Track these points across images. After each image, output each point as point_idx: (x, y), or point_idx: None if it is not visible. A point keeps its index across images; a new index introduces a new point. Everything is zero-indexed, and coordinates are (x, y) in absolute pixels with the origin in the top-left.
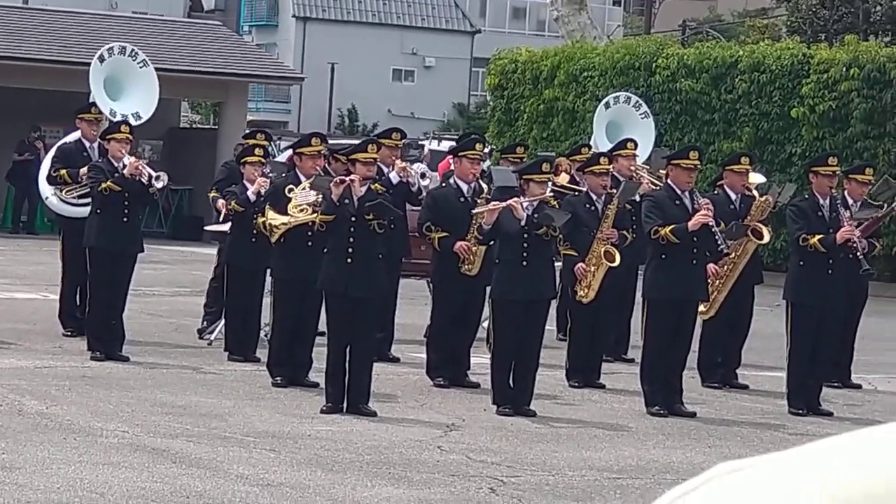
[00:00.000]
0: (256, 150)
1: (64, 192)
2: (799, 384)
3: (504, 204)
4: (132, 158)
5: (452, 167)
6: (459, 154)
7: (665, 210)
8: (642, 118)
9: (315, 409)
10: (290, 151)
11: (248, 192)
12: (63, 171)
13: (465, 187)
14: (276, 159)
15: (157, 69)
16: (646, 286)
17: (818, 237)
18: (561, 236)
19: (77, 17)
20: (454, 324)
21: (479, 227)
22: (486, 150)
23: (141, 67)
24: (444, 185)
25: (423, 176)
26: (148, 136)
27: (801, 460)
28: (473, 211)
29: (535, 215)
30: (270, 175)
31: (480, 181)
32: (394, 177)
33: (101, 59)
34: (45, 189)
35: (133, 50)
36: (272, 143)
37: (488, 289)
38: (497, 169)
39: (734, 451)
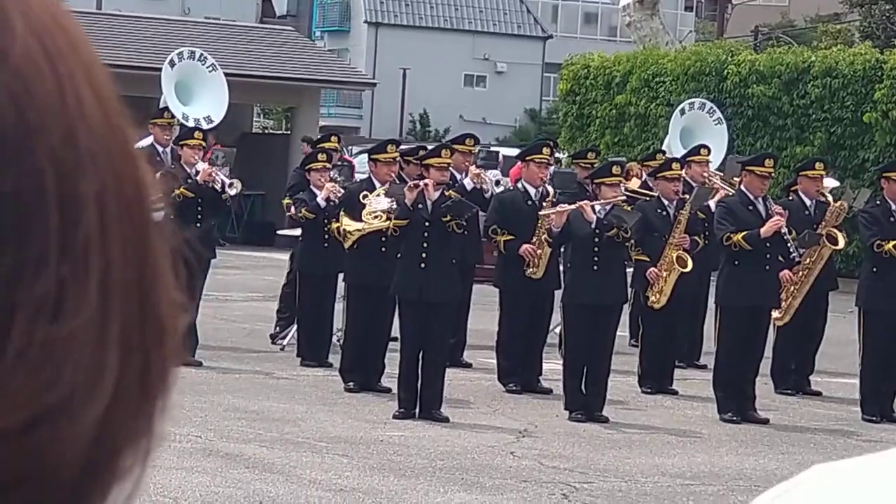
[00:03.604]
0: (320, 156)
1: None
2: (872, 391)
3: (573, 206)
4: (205, 165)
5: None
6: (527, 158)
7: (738, 216)
8: (716, 124)
9: (387, 415)
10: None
11: (318, 199)
12: None
13: (532, 191)
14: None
15: (229, 75)
16: (719, 293)
17: (893, 242)
18: (633, 241)
19: (150, 22)
20: (523, 328)
21: (549, 230)
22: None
23: (210, 72)
24: (511, 188)
25: (497, 183)
26: (220, 142)
27: None
28: (541, 213)
29: (605, 219)
30: (338, 179)
31: (547, 185)
32: (468, 183)
33: (172, 63)
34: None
35: (202, 54)
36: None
37: (556, 294)
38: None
39: (807, 457)
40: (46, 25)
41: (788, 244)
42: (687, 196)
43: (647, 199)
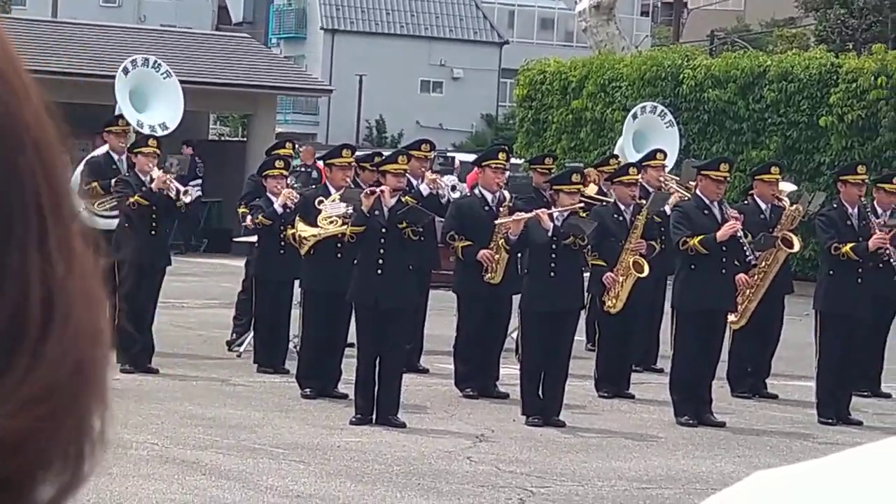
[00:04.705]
0: (277, 163)
1: (96, 204)
2: (828, 393)
3: (530, 214)
4: (160, 173)
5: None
6: (483, 164)
7: (694, 221)
8: (667, 127)
9: (344, 421)
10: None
11: (275, 205)
12: (94, 184)
13: (489, 196)
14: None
15: (185, 82)
16: (675, 297)
17: (850, 245)
18: (589, 246)
19: (106, 30)
20: (480, 333)
21: (507, 238)
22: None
23: (164, 78)
24: (468, 194)
25: (453, 188)
26: (175, 149)
27: (840, 466)
28: (497, 221)
29: (562, 227)
30: (295, 186)
31: (504, 190)
32: (424, 188)
33: (126, 71)
34: (77, 204)
35: (156, 61)
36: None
37: (514, 298)
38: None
39: (763, 460)
40: None
41: (744, 248)
42: (643, 201)
43: (604, 204)
